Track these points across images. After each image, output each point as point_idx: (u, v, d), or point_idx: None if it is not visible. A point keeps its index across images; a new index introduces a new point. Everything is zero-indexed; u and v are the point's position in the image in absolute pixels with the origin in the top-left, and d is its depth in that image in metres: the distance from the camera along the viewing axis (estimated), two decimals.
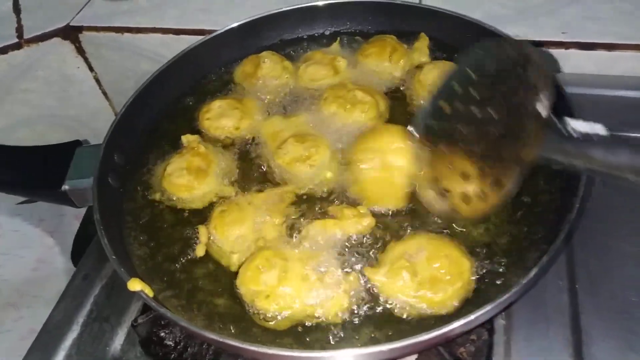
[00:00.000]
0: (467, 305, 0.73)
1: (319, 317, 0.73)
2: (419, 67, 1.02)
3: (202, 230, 0.83)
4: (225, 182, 0.91)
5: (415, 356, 0.80)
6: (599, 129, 0.63)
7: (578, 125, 0.65)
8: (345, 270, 0.77)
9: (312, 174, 0.89)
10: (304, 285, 0.74)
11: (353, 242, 0.81)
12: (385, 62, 1.04)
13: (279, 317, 0.74)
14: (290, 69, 1.07)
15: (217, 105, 1.00)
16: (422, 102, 0.97)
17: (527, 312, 0.85)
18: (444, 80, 0.75)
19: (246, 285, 0.75)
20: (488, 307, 0.64)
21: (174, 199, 0.90)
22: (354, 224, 0.80)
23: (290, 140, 0.91)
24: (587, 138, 0.64)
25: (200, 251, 0.82)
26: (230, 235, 0.81)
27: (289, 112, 1.00)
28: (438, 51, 1.08)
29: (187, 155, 0.91)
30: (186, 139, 0.95)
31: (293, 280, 0.74)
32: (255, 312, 0.75)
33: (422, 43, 1.07)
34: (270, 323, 0.74)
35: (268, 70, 1.05)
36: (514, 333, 0.83)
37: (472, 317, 0.64)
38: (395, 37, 1.08)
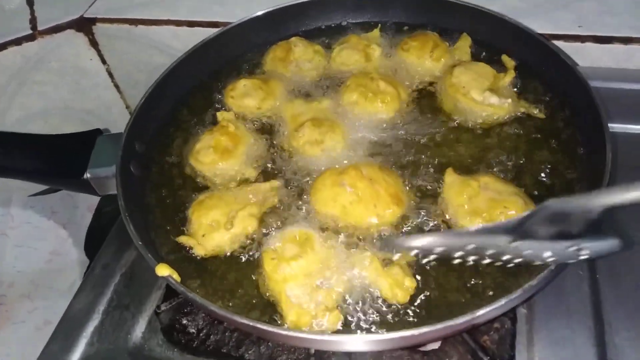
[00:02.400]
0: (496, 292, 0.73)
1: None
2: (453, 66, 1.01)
3: (182, 239, 0.83)
4: (249, 164, 0.91)
5: (439, 343, 0.80)
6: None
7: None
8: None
9: (323, 158, 0.89)
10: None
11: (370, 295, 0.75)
12: (426, 57, 1.02)
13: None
14: (322, 52, 1.08)
15: (242, 84, 1.01)
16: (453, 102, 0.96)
17: (549, 302, 0.85)
18: None
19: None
20: (517, 294, 0.65)
21: (201, 176, 0.91)
22: (390, 288, 0.73)
23: (307, 124, 0.92)
24: None
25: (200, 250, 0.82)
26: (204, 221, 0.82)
27: (313, 96, 1.01)
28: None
29: (217, 133, 0.92)
30: (221, 115, 0.96)
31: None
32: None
33: (465, 42, 1.06)
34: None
35: (300, 54, 1.06)
36: (536, 322, 0.84)
37: (502, 302, 0.64)
38: (437, 34, 1.07)
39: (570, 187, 0.84)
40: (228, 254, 0.81)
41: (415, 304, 0.73)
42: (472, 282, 0.74)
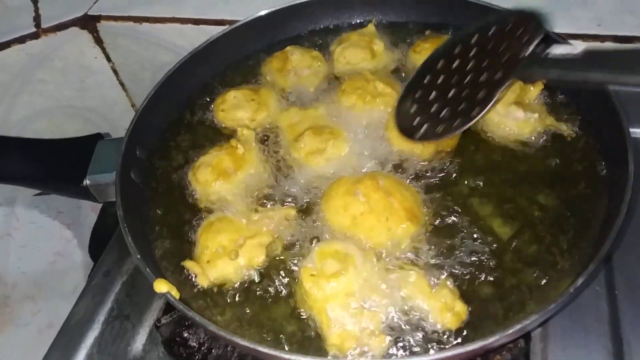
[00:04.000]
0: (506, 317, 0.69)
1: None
2: None
3: (188, 264, 0.78)
4: (247, 195, 0.85)
5: None
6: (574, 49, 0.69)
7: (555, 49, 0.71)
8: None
9: (327, 168, 0.86)
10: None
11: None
12: None
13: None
14: (320, 57, 1.04)
15: (232, 96, 0.97)
16: None
17: (564, 320, 0.82)
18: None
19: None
20: (534, 317, 0.61)
21: (195, 194, 0.87)
22: (440, 312, 0.68)
23: (307, 133, 0.88)
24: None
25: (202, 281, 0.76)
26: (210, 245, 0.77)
27: (307, 103, 0.97)
28: None
29: (223, 151, 0.87)
30: (241, 132, 0.91)
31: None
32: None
33: None
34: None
35: (298, 62, 1.02)
36: (550, 341, 0.80)
37: (516, 327, 0.61)
38: None
39: (594, 193, 0.80)
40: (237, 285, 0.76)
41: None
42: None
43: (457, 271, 0.73)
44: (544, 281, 0.72)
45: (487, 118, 0.89)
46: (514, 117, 0.87)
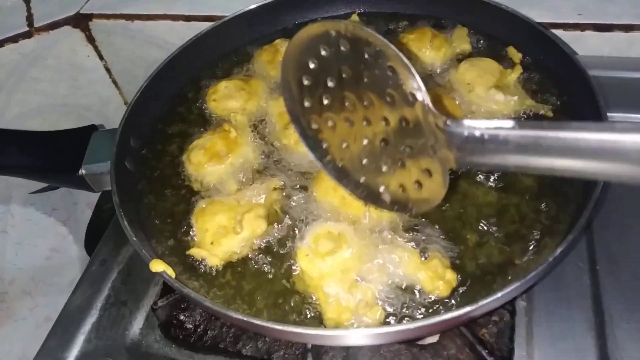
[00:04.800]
0: (488, 286, 0.72)
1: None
2: (459, 60, 1.00)
3: (193, 252, 0.80)
4: (234, 176, 0.87)
5: (437, 336, 0.80)
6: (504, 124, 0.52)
7: (479, 124, 0.54)
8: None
9: None
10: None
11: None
12: (425, 49, 1.00)
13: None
14: None
15: (223, 86, 0.99)
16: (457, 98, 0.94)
17: (548, 295, 0.84)
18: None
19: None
20: (515, 285, 0.64)
21: (189, 178, 0.89)
22: (431, 280, 0.71)
23: None
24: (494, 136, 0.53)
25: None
26: (209, 227, 0.79)
27: None
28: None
29: (216, 135, 0.90)
30: (234, 117, 0.93)
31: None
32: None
33: (462, 32, 1.05)
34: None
35: None
36: (535, 315, 0.83)
37: (498, 294, 0.64)
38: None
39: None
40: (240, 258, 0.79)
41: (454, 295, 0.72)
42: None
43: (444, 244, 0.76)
44: (528, 257, 0.75)
45: (468, 100, 0.93)
46: (494, 99, 0.91)
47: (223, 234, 0.78)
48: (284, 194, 0.84)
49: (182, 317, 0.86)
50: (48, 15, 1.35)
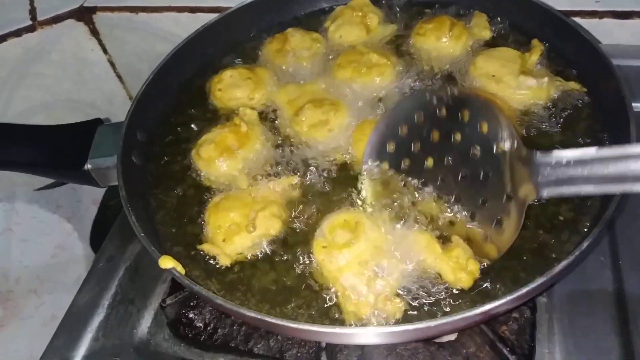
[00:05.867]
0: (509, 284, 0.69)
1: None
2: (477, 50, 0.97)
3: (205, 247, 0.77)
4: (244, 171, 0.84)
5: (455, 334, 0.77)
6: (588, 151, 0.62)
7: (566, 154, 0.64)
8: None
9: (331, 140, 0.86)
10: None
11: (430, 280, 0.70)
12: (445, 38, 0.96)
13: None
14: (320, 39, 1.04)
15: (228, 75, 0.97)
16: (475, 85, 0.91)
17: (569, 290, 0.82)
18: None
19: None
20: (541, 280, 0.61)
21: (198, 173, 0.87)
22: (452, 272, 0.68)
23: (307, 106, 0.88)
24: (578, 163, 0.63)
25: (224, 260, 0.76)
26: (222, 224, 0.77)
27: (304, 80, 0.97)
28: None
29: (226, 129, 0.87)
30: (244, 111, 0.90)
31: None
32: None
33: (480, 18, 1.01)
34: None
35: (297, 43, 1.01)
36: (556, 311, 0.80)
37: (522, 291, 0.61)
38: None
39: None
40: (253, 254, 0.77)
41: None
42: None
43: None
44: (553, 254, 0.72)
45: (501, 96, 0.89)
46: (527, 86, 0.87)
47: (236, 232, 0.76)
48: (300, 188, 0.82)
49: (191, 315, 0.84)
50: (51, 9, 1.33)
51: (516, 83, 0.87)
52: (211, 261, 0.76)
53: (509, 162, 0.68)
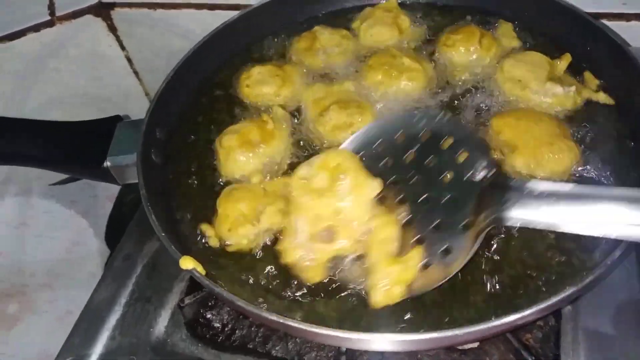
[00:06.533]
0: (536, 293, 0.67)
1: None
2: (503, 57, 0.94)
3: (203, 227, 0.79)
4: (261, 169, 0.84)
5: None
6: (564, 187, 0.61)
7: (540, 186, 0.62)
8: None
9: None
10: None
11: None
12: (474, 49, 0.94)
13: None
14: (349, 36, 1.03)
15: (256, 72, 0.96)
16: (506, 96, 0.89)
17: (595, 298, 0.80)
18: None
19: None
20: (572, 290, 0.60)
21: (217, 167, 0.86)
22: (380, 292, 0.66)
23: (333, 107, 0.86)
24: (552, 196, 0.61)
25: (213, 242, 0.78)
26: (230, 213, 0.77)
27: (334, 79, 0.96)
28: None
29: (253, 123, 0.87)
30: (276, 109, 0.90)
31: None
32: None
33: (506, 27, 0.99)
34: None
35: (326, 41, 1.00)
36: (581, 319, 0.79)
37: (552, 300, 0.59)
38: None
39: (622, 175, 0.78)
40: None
41: None
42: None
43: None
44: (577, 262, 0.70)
45: (525, 101, 0.87)
46: (553, 93, 0.85)
47: (242, 223, 0.76)
48: None
49: (209, 316, 0.83)
50: (70, 4, 1.33)
51: (543, 89, 0.85)
52: (230, 261, 0.76)
53: (480, 188, 0.67)
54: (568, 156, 0.76)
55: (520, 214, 0.62)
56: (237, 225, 0.75)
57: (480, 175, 0.67)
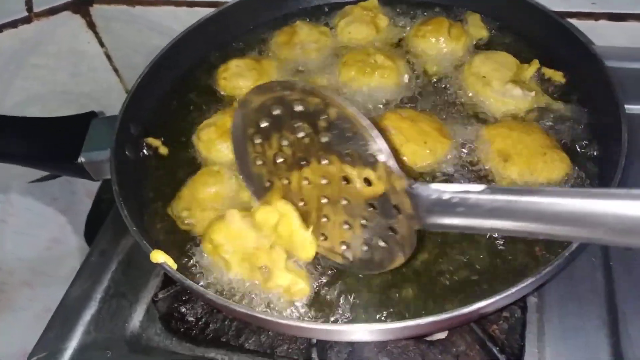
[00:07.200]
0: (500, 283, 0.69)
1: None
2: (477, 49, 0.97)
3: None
4: None
5: (446, 332, 0.77)
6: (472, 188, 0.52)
7: (447, 188, 0.54)
8: None
9: None
10: None
11: None
12: (444, 39, 0.96)
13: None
14: (328, 32, 1.04)
15: (234, 65, 0.97)
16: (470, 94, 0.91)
17: (560, 290, 0.82)
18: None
19: None
20: (530, 280, 0.61)
21: (201, 156, 0.87)
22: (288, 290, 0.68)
23: None
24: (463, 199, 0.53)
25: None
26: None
27: (309, 75, 0.97)
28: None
29: (227, 114, 0.88)
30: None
31: None
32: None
33: (474, 18, 1.01)
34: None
35: (305, 36, 1.01)
36: (546, 311, 0.81)
37: (512, 290, 0.61)
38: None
39: (587, 170, 0.80)
40: None
41: None
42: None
43: None
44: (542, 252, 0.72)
45: (482, 98, 0.89)
46: (511, 95, 0.87)
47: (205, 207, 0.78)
48: None
49: (183, 310, 0.84)
50: (48, 0, 1.32)
51: (503, 89, 0.87)
52: (205, 257, 0.76)
53: (387, 181, 0.58)
54: (560, 166, 0.77)
55: (435, 219, 0.55)
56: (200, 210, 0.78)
57: (380, 158, 0.57)
